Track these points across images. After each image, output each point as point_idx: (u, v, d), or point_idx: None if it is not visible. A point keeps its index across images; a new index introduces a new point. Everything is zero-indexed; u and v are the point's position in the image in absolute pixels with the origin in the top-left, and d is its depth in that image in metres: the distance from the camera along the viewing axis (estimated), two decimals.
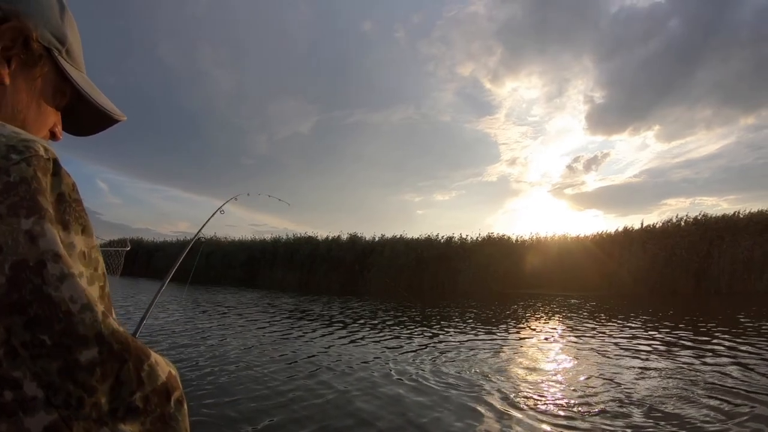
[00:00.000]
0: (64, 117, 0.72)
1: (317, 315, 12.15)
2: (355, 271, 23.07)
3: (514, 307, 13.84)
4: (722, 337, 8.01)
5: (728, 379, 5.54)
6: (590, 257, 19.61)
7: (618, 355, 6.88)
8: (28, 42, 0.60)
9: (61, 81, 0.66)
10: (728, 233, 18.10)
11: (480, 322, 10.76)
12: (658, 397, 4.95)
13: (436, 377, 5.77)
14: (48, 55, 0.63)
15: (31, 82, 0.63)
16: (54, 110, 0.69)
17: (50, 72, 0.65)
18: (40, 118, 0.66)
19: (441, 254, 21.86)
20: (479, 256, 21.18)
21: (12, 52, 0.59)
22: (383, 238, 24.30)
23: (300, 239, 26.66)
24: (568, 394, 5.13)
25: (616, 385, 5.41)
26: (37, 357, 0.40)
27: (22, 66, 0.61)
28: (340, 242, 25.22)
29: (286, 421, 4.27)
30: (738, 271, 17.49)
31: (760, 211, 18.56)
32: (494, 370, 6.13)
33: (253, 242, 29.07)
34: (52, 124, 0.69)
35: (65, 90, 0.68)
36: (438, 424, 4.21)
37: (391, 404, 4.78)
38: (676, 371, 5.92)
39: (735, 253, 17.61)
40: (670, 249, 18.52)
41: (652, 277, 18.38)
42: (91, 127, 0.78)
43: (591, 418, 4.35)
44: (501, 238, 22.36)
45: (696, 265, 18.08)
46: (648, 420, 4.27)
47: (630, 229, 20.49)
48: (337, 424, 4.21)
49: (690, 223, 19.42)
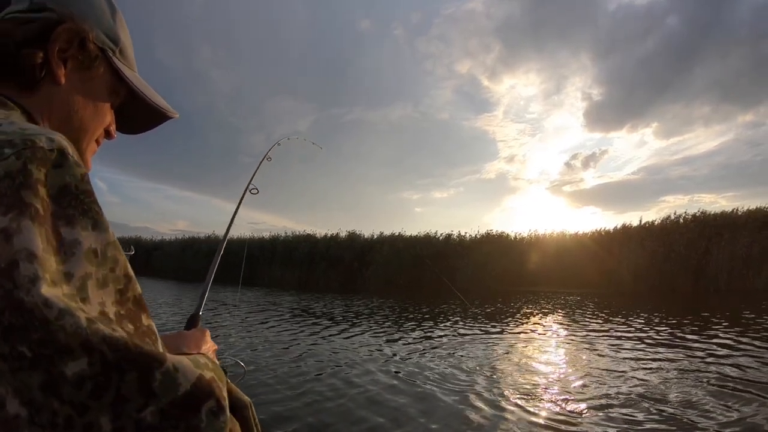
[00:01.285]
0: (117, 116, 0.73)
1: (321, 313, 12.16)
2: (354, 269, 23.05)
3: (513, 305, 13.84)
4: (723, 334, 8.00)
5: (728, 374, 5.54)
6: (589, 255, 19.60)
7: (617, 352, 6.86)
8: (84, 43, 0.61)
9: (115, 81, 0.68)
10: (727, 230, 18.10)
11: (480, 320, 10.74)
12: (657, 393, 4.94)
13: (427, 373, 5.77)
14: (102, 55, 0.65)
15: (87, 83, 0.64)
16: (109, 109, 0.70)
17: (105, 72, 0.66)
18: (96, 117, 0.67)
19: (439, 252, 21.85)
20: (477, 254, 21.17)
21: (68, 53, 0.60)
22: (382, 236, 24.31)
23: (298, 237, 26.65)
24: (566, 391, 5.12)
25: (614, 381, 5.40)
26: (17, 371, 0.36)
27: (79, 67, 0.62)
28: (339, 240, 25.21)
29: (298, 423, 4.26)
30: (737, 269, 17.48)
31: (758, 208, 18.57)
32: (498, 368, 6.12)
33: (251, 240, 28.95)
34: (108, 123, 0.71)
35: (119, 89, 0.69)
36: (431, 420, 4.20)
37: (384, 401, 4.77)
38: (677, 368, 5.91)
39: (734, 251, 17.60)
40: (668, 246, 18.51)
41: (651, 274, 18.37)
42: (144, 124, 0.80)
43: (586, 414, 4.34)
44: (500, 235, 22.36)
45: (695, 262, 18.07)
46: (648, 416, 4.26)
47: (628, 227, 20.49)
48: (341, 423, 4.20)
49: (688, 220, 19.42)
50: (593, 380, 5.48)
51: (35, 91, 0.59)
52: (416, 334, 8.84)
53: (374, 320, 10.86)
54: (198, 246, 29.17)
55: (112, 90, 0.68)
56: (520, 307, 13.28)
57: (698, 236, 18.40)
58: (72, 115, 0.63)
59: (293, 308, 13.36)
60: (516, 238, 22.30)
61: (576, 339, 8.10)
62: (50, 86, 0.60)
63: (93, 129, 0.67)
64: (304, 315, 11.83)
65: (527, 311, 12.44)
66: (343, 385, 5.38)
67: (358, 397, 4.94)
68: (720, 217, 18.95)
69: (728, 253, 17.70)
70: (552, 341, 8.09)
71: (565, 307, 13.01)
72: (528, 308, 13.11)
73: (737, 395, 4.81)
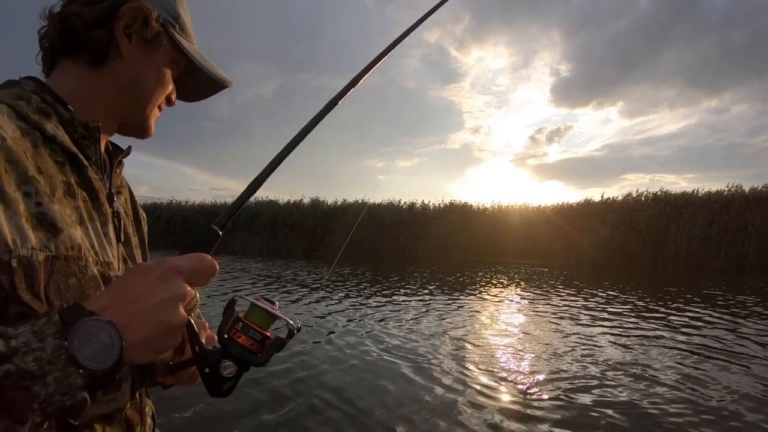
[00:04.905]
0: (176, 85, 0.77)
1: (289, 280, 11.75)
2: (316, 236, 22.62)
3: (474, 275, 13.71)
4: (686, 307, 8.25)
5: (688, 342, 5.67)
6: (551, 227, 19.61)
7: (574, 323, 6.74)
8: (147, 20, 0.67)
9: (176, 53, 0.73)
10: (686, 210, 18.31)
11: (441, 289, 10.59)
12: (613, 363, 4.92)
13: (384, 341, 5.74)
14: (164, 30, 0.70)
15: (150, 55, 0.70)
16: (170, 79, 0.74)
17: (167, 46, 0.71)
18: (159, 86, 0.72)
19: (402, 220, 21.57)
20: (441, 223, 20.97)
21: (132, 29, 0.67)
22: (345, 203, 23.89)
23: (261, 203, 25.96)
24: (522, 360, 4.96)
25: (564, 354, 5.44)
26: None
27: (143, 41, 0.68)
28: (302, 206, 24.75)
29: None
30: (694, 248, 17.71)
31: (718, 191, 18.81)
32: (449, 337, 5.86)
33: (214, 206, 28.19)
34: (169, 92, 0.76)
35: (179, 61, 0.74)
36: (385, 395, 3.85)
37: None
38: (632, 339, 5.93)
39: (692, 230, 17.81)
40: (629, 223, 18.64)
41: (612, 249, 18.48)
42: (202, 92, 0.84)
43: (541, 386, 4.21)
44: (463, 205, 22.19)
45: (654, 239, 18.24)
46: (619, 384, 4.08)
47: (591, 202, 20.57)
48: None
49: (650, 198, 19.57)
50: (551, 349, 5.26)
51: (104, 64, 0.67)
52: (378, 300, 8.61)
53: (338, 287, 10.59)
54: (160, 212, 28.08)
55: (173, 62, 0.73)
56: (482, 277, 13.10)
57: (659, 214, 18.55)
58: (135, 85, 0.70)
59: (261, 274, 12.87)
60: (479, 208, 22.18)
61: (537, 310, 7.96)
62: (117, 59, 0.68)
63: (156, 97, 0.73)
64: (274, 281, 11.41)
65: (489, 281, 12.30)
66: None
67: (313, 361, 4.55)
68: (680, 197, 19.14)
69: (687, 232, 17.90)
70: (509, 311, 7.94)
71: (526, 278, 12.91)
72: (490, 278, 12.99)
73: (692, 356, 4.87)
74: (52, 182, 0.58)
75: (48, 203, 0.55)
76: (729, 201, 18.01)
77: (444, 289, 9.97)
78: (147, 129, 0.76)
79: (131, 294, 0.48)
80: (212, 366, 0.59)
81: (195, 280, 0.54)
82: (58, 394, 0.41)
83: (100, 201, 0.66)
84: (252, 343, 0.59)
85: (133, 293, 0.49)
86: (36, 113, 0.60)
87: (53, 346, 0.42)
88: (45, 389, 0.40)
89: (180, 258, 0.54)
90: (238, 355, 0.59)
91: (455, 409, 3.43)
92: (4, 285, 0.49)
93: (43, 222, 0.54)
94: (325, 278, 11.73)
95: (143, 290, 0.49)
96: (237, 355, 0.59)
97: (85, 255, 0.59)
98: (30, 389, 0.40)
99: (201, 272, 0.54)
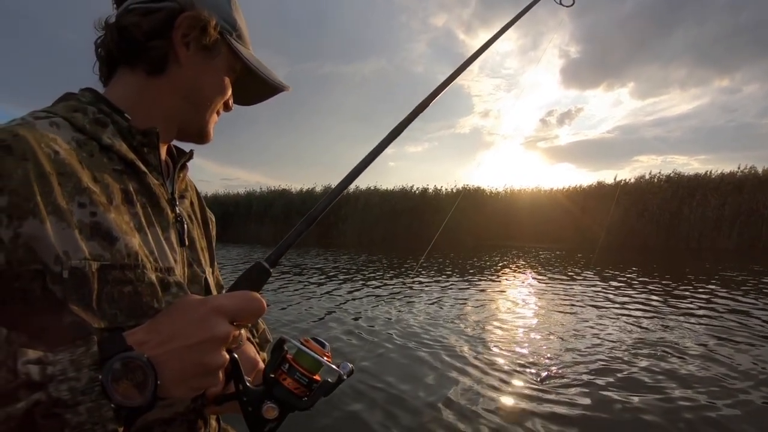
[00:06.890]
0: (234, 89, 0.77)
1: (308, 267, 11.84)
2: (330, 223, 22.83)
3: (489, 259, 13.83)
4: (702, 289, 8.21)
5: (702, 325, 5.70)
6: (563, 210, 19.68)
7: (587, 306, 6.89)
8: (205, 28, 0.67)
9: (233, 59, 0.73)
10: (699, 192, 18.33)
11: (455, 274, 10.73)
12: (627, 347, 5.11)
13: (400, 326, 5.69)
14: (221, 38, 0.71)
15: (209, 62, 0.70)
16: (228, 84, 0.75)
17: (224, 52, 0.72)
18: (217, 92, 0.73)
19: (415, 206, 21.69)
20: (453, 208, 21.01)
21: (190, 37, 0.67)
22: (357, 190, 23.99)
23: (274, 192, 26.26)
24: (539, 345, 5.08)
25: (583, 337, 5.55)
26: None
27: (201, 49, 0.69)
28: (314, 194, 24.94)
29: None
30: (707, 229, 17.75)
31: (731, 172, 18.79)
32: (471, 321, 6.16)
33: (227, 197, 28.51)
34: (227, 97, 0.76)
35: (236, 66, 0.74)
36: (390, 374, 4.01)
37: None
38: (646, 323, 5.98)
39: (705, 212, 17.84)
40: (642, 205, 18.70)
41: (624, 231, 18.56)
42: (258, 96, 0.85)
43: (556, 369, 4.31)
44: (476, 190, 22.20)
45: (667, 221, 18.30)
46: (618, 371, 4.20)
47: (603, 184, 20.62)
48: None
49: (663, 180, 19.58)
50: (572, 331, 5.41)
51: (163, 73, 0.68)
52: (394, 285, 8.77)
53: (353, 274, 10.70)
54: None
55: (230, 67, 0.74)
56: (497, 262, 13.22)
57: (671, 196, 18.60)
58: (195, 92, 0.71)
59: (281, 264, 12.98)
60: (491, 193, 22.24)
61: (558, 293, 8.08)
62: (175, 67, 0.68)
63: (215, 103, 0.74)
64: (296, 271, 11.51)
65: (505, 266, 12.39)
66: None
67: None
68: (693, 179, 19.14)
69: (700, 214, 17.94)
70: (531, 295, 8.12)
71: (543, 262, 12.98)
72: (507, 263, 13.09)
73: (716, 343, 4.91)
74: (108, 191, 0.59)
75: (103, 212, 0.56)
76: (742, 182, 17.99)
77: (462, 275, 10.07)
78: (206, 134, 0.76)
79: (170, 331, 0.48)
80: (255, 406, 0.59)
81: (240, 320, 0.53)
82: (90, 423, 0.42)
83: (160, 206, 0.67)
84: (297, 386, 0.59)
85: (173, 330, 0.48)
86: (92, 124, 0.61)
87: (88, 378, 0.43)
88: (76, 417, 0.42)
89: (225, 297, 0.53)
90: (282, 398, 0.59)
91: (489, 391, 3.62)
92: (57, 295, 0.51)
93: (98, 231, 0.55)
94: (416, 268, 11.57)
95: (182, 329, 0.49)
96: (281, 398, 0.59)
97: (143, 262, 0.59)
98: (61, 416, 0.41)
99: (246, 312, 0.53)
